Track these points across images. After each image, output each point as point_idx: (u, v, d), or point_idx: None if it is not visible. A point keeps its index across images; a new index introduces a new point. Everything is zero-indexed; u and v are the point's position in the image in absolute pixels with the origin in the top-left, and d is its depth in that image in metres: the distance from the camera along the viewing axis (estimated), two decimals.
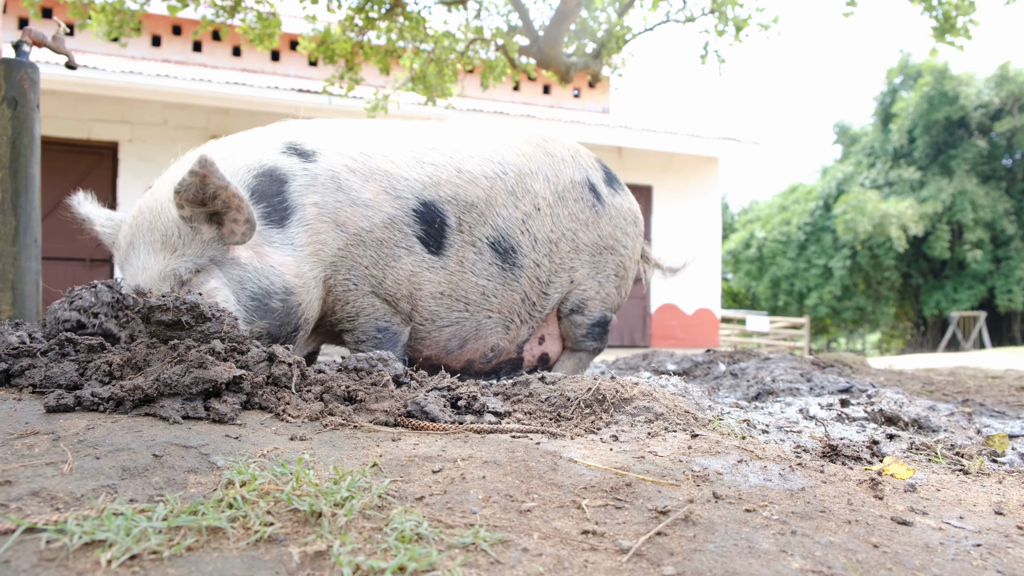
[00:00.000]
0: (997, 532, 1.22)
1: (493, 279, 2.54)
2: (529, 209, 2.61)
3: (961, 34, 6.49)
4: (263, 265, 2.10)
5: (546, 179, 2.69)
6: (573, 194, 2.75)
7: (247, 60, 10.65)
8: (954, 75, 22.06)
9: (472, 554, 0.96)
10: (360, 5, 7.06)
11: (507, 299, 2.60)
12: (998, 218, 21.50)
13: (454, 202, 2.45)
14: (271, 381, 1.63)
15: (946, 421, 2.28)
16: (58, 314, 1.80)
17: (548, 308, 2.74)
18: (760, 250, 26.79)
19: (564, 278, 2.74)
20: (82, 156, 8.50)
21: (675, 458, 1.42)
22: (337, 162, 2.33)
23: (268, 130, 2.42)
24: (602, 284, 2.85)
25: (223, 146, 2.29)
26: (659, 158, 11.08)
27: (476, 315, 2.54)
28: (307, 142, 2.35)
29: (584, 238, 2.77)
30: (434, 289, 2.43)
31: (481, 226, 2.50)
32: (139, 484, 1.11)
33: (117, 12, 6.35)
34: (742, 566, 0.99)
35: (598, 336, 2.89)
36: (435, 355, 2.56)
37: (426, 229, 2.39)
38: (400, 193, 2.37)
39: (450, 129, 2.68)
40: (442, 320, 2.49)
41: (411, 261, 2.38)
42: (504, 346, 2.68)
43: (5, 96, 2.63)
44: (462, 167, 2.50)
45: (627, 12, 7.36)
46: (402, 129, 2.58)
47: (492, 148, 2.63)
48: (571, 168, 2.80)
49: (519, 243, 2.58)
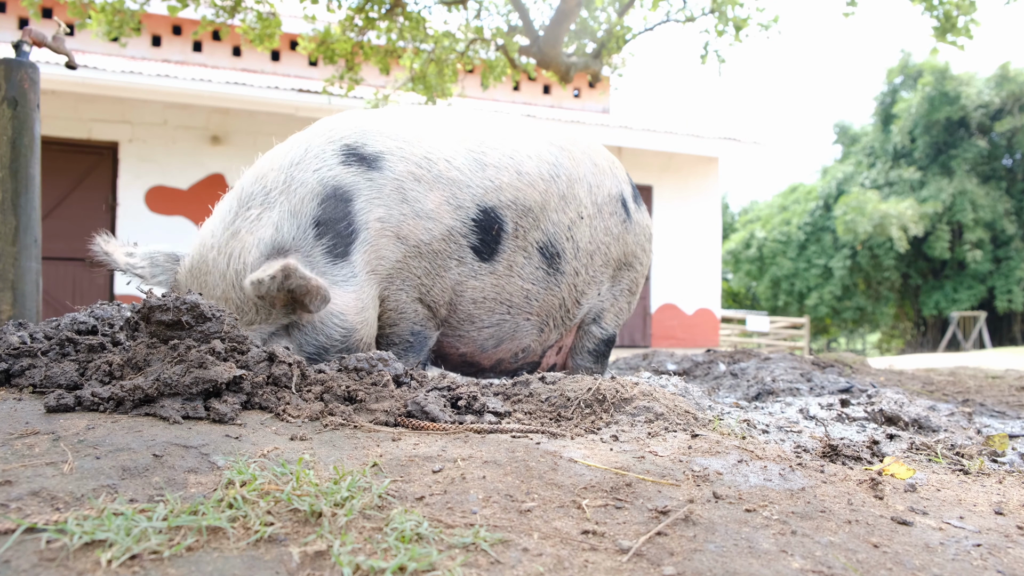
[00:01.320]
0: (997, 532, 1.22)
1: (537, 283, 2.50)
2: (574, 216, 2.57)
3: (962, 34, 6.50)
4: (323, 319, 2.03)
5: (589, 188, 2.65)
6: (609, 207, 2.71)
7: (247, 60, 10.65)
8: (955, 75, 22.07)
9: (472, 554, 0.96)
10: (360, 5, 7.07)
11: (547, 303, 2.56)
12: (998, 218, 21.50)
13: (513, 207, 2.38)
14: (271, 381, 1.63)
15: (946, 421, 2.28)
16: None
17: (578, 318, 2.71)
18: (760, 250, 26.80)
19: (594, 291, 2.71)
20: (82, 156, 8.50)
21: (675, 458, 1.42)
22: (402, 169, 2.22)
23: (321, 132, 2.27)
24: (616, 298, 2.83)
25: (277, 169, 2.15)
26: (659, 158, 11.07)
27: (516, 317, 2.51)
28: (368, 143, 2.23)
29: (614, 252, 2.74)
30: (478, 295, 2.39)
31: (534, 231, 2.45)
32: (139, 484, 1.11)
33: (117, 12, 6.35)
34: (742, 566, 0.99)
35: (600, 356, 2.84)
36: (470, 352, 2.52)
37: (482, 237, 2.33)
38: (461, 203, 2.29)
39: (501, 123, 2.59)
40: (483, 322, 2.45)
41: (460, 271, 2.32)
42: (534, 348, 2.65)
43: (5, 96, 2.63)
44: (522, 169, 2.43)
45: (627, 12, 7.36)
46: (456, 121, 2.48)
47: (547, 149, 2.57)
48: (610, 180, 2.76)
49: (564, 249, 2.54)
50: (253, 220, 2.07)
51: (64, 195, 8.30)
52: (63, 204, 8.24)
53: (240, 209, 2.10)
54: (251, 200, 2.11)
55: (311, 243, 2.06)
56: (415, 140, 2.30)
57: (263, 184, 2.14)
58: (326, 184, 2.12)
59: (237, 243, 2.03)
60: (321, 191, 2.11)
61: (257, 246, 2.01)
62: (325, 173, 2.14)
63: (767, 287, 26.79)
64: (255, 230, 2.05)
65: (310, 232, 2.07)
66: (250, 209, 2.09)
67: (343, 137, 2.23)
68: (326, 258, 2.06)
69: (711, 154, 11.00)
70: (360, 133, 2.25)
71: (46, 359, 1.66)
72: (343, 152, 2.19)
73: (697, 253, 11.29)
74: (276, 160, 2.19)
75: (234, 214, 2.10)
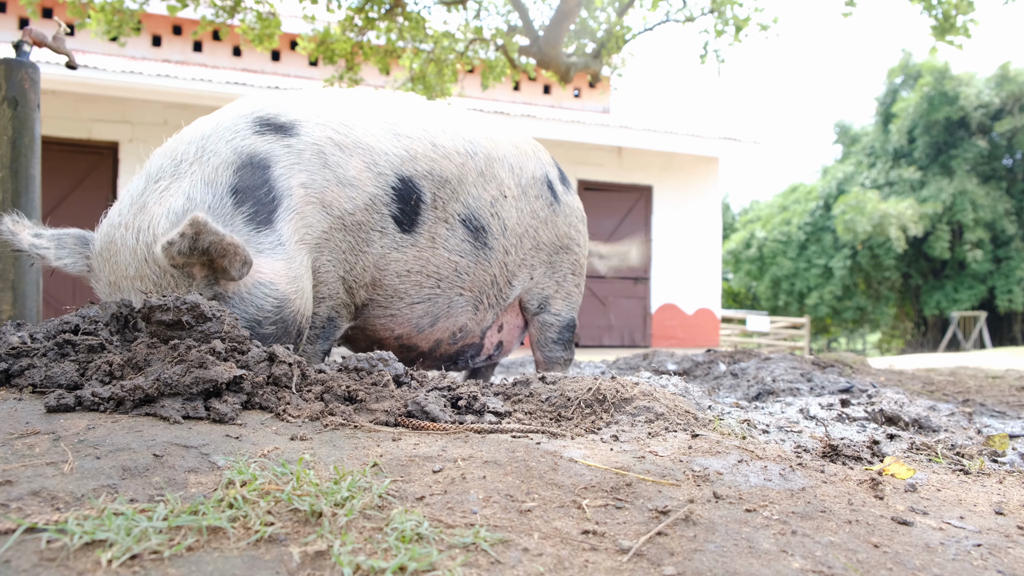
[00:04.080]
0: (997, 532, 1.22)
1: (466, 256, 2.49)
2: (496, 194, 2.56)
3: (961, 33, 6.50)
4: (251, 290, 1.91)
5: (511, 169, 2.65)
6: (534, 190, 2.73)
7: (247, 60, 10.65)
8: (954, 75, 22.06)
9: (472, 554, 0.96)
10: (360, 5, 7.07)
11: (479, 278, 2.55)
12: (998, 218, 21.50)
13: (429, 177, 2.36)
14: (271, 381, 1.63)
15: (946, 421, 2.28)
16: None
17: (511, 298, 2.73)
18: (760, 250, 26.80)
19: (525, 274, 2.73)
20: (82, 156, 8.50)
21: (675, 458, 1.42)
22: (320, 135, 2.15)
23: (232, 109, 2.19)
24: (560, 283, 2.84)
25: (187, 143, 2.04)
26: (659, 158, 11.07)
27: (448, 292, 2.49)
28: (281, 114, 2.15)
29: (544, 236, 2.76)
30: (401, 268, 2.34)
31: (453, 202, 2.43)
32: (139, 484, 1.11)
33: (117, 12, 6.35)
34: (742, 566, 0.99)
35: (567, 342, 2.87)
36: (406, 333, 2.48)
37: (402, 208, 2.29)
38: (382, 170, 2.24)
39: (416, 102, 2.60)
40: (412, 297, 2.41)
41: (383, 244, 2.26)
42: (471, 328, 2.65)
43: (6, 96, 2.63)
44: (436, 141, 2.42)
45: (627, 12, 7.36)
46: (369, 98, 2.47)
47: (463, 126, 2.56)
48: (533, 162, 2.77)
49: (490, 224, 2.54)
50: (162, 191, 1.93)
51: (64, 195, 8.30)
52: (63, 204, 8.24)
53: (148, 184, 1.97)
54: (160, 174, 1.98)
55: (230, 211, 1.93)
56: (330, 110, 2.26)
57: (172, 157, 2.01)
58: (241, 152, 2.01)
59: (145, 216, 1.89)
60: (236, 160, 1.99)
61: (167, 216, 1.87)
62: (239, 143, 2.03)
63: (767, 287, 26.79)
64: (164, 201, 1.91)
65: (227, 200, 1.93)
66: (159, 182, 1.96)
67: (255, 111, 2.14)
68: (248, 226, 1.94)
69: (711, 154, 10.99)
70: (272, 106, 2.18)
71: (46, 359, 1.66)
72: (256, 123, 2.10)
73: (697, 253, 11.29)
74: (185, 136, 2.08)
75: (141, 190, 1.96)
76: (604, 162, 10.80)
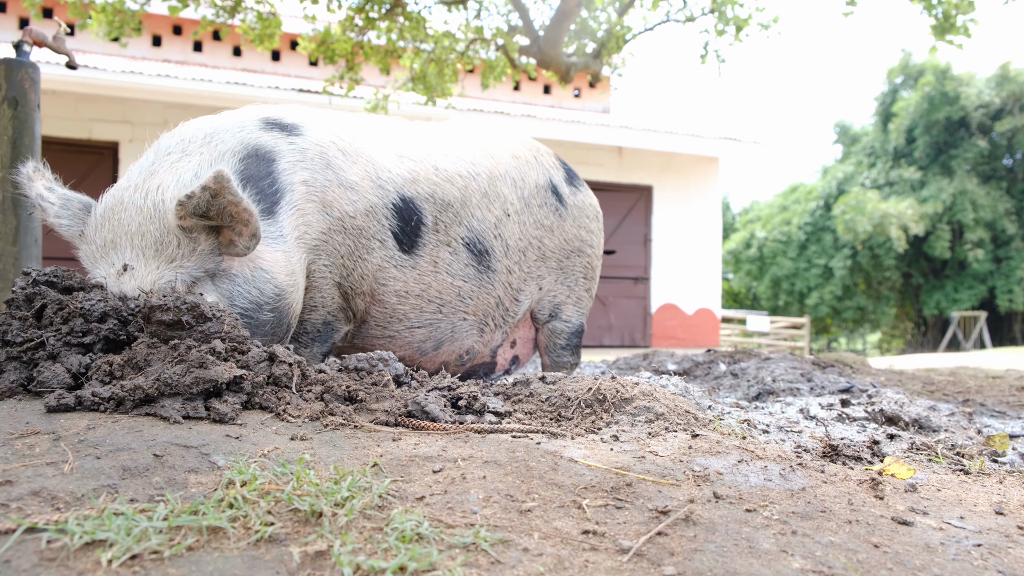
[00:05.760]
0: (998, 532, 1.22)
1: (469, 280, 2.49)
2: (500, 214, 2.57)
3: (961, 32, 6.50)
4: (254, 273, 1.92)
5: (513, 183, 2.64)
6: (538, 199, 2.71)
7: (247, 60, 10.65)
8: (955, 75, 22.06)
9: (473, 554, 0.96)
10: (360, 5, 7.07)
11: (483, 301, 2.55)
12: (999, 218, 21.49)
13: (431, 200, 2.38)
14: (272, 381, 1.63)
15: (947, 421, 2.28)
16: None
17: (519, 314, 2.72)
18: (761, 250, 26.79)
19: (533, 286, 2.71)
20: (82, 156, 8.50)
21: (676, 458, 1.42)
22: (324, 137, 2.20)
23: (237, 111, 2.26)
24: (572, 288, 2.83)
25: (195, 130, 2.08)
26: (659, 158, 11.07)
27: (451, 317, 2.48)
28: (286, 117, 2.22)
29: (550, 245, 2.74)
30: (401, 288, 2.35)
31: (456, 226, 2.44)
32: (140, 484, 1.11)
33: (117, 12, 6.35)
34: (743, 566, 0.99)
35: (575, 348, 2.87)
36: (409, 356, 2.48)
37: (402, 227, 2.31)
38: (383, 184, 2.28)
39: (418, 126, 2.63)
40: (412, 320, 2.41)
41: (382, 255, 2.28)
42: (479, 349, 2.64)
43: (6, 96, 2.63)
44: (438, 165, 2.44)
45: (627, 12, 7.36)
46: (372, 119, 2.51)
47: (463, 147, 2.58)
48: (535, 170, 2.76)
49: (493, 247, 2.53)
50: (173, 163, 1.97)
51: None
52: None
53: (158, 157, 2.01)
54: (170, 150, 2.02)
55: None
56: (334, 121, 2.32)
57: (181, 139, 2.06)
58: (247, 144, 2.05)
59: (155, 180, 1.92)
60: (242, 149, 2.04)
61: (176, 183, 1.90)
62: (246, 135, 2.07)
63: (767, 287, 26.79)
64: (175, 170, 1.95)
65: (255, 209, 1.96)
66: (169, 155, 2.00)
67: (260, 113, 2.20)
68: None
69: (711, 154, 10.99)
70: (278, 111, 2.25)
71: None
72: (263, 122, 2.15)
73: (697, 253, 11.29)
74: (193, 125, 2.13)
75: (151, 161, 2.00)
76: (604, 162, 10.80)
